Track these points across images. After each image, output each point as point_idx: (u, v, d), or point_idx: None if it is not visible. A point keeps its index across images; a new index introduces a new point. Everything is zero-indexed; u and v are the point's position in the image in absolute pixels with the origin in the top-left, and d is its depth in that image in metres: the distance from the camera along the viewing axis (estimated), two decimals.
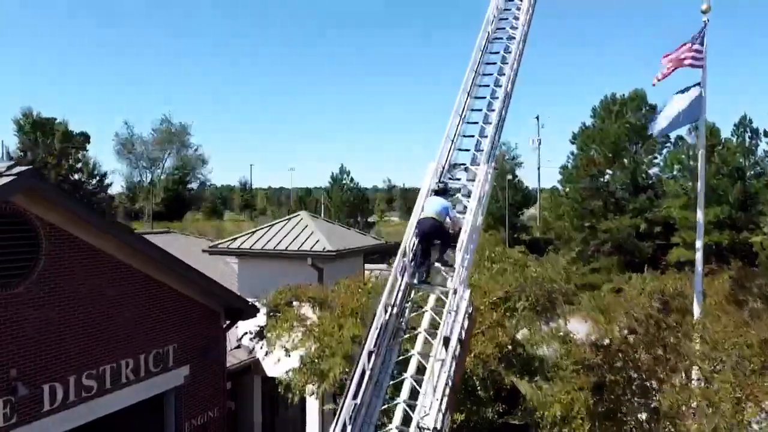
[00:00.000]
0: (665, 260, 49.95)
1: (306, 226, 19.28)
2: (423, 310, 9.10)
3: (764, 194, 47.95)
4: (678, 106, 16.00)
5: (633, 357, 12.82)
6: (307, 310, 15.66)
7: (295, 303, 15.92)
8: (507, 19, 13.18)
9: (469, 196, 10.27)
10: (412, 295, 9.36)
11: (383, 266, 26.13)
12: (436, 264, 9.78)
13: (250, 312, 15.65)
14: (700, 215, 16.52)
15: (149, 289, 13.22)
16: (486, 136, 10.94)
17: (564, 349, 13.73)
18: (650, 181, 53.31)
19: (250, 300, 16.55)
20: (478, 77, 12.13)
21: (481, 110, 11.55)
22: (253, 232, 19.62)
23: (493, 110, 11.33)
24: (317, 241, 18.22)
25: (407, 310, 9.19)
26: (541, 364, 14.34)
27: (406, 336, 8.84)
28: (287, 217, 20.87)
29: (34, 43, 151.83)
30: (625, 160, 53.06)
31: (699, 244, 16.25)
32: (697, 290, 15.31)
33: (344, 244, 18.76)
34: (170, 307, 13.86)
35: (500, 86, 11.74)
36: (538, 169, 66.27)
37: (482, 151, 10.81)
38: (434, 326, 8.78)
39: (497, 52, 12.52)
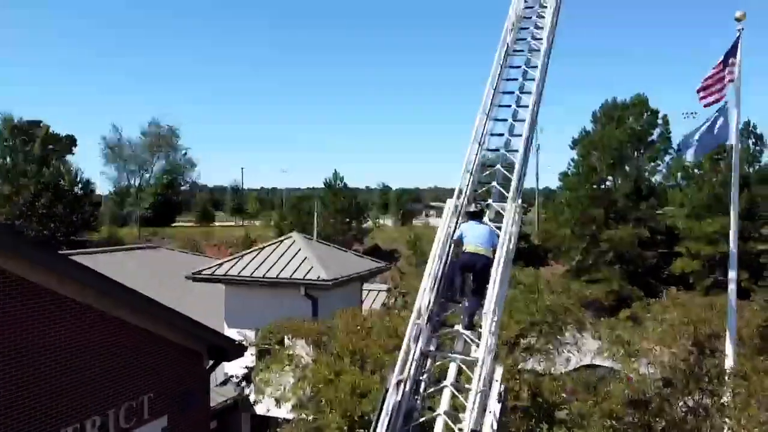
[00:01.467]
0: (669, 270, 48.77)
1: (299, 250, 17.66)
2: (442, 385, 7.49)
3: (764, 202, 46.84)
4: (710, 126, 14.56)
5: (672, 416, 11.28)
6: (301, 349, 14.05)
7: (287, 340, 14.31)
8: (528, 28, 11.63)
9: None
10: (428, 365, 7.75)
11: (383, 286, 24.57)
12: (462, 332, 8.21)
13: (237, 351, 14.02)
14: (733, 246, 14.85)
15: (118, 334, 11.55)
16: (511, 167, 9.35)
17: (592, 401, 12.16)
18: (653, 189, 52.02)
19: (237, 332, 15.00)
20: (498, 96, 10.56)
21: (502, 135, 9.99)
22: (242, 257, 17.98)
23: (518, 135, 9.77)
24: (311, 268, 16.61)
25: (422, 383, 7.59)
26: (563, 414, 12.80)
27: (423, 419, 7.24)
28: (278, 239, 19.22)
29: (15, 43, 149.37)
30: (627, 167, 51.76)
31: (732, 275, 14.72)
32: (731, 332, 13.73)
33: (341, 271, 17.15)
34: (144, 352, 12.19)
35: (524, 106, 10.18)
36: (536, 174, 64.68)
37: (504, 185, 9.23)
38: (455, 408, 7.21)
39: (518, 66, 10.98)
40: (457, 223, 8.98)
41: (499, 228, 8.56)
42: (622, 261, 48.61)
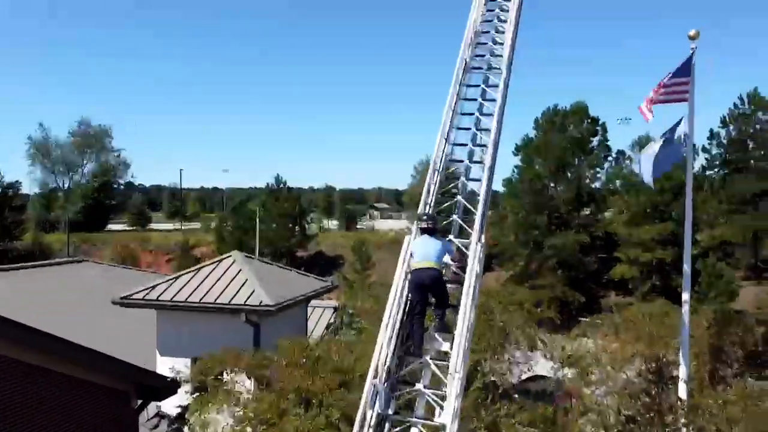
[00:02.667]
0: (608, 276, 49.85)
1: (239, 272, 16.40)
2: None
3: (702, 209, 48.48)
4: (661, 147, 14.24)
5: None
6: (241, 384, 12.88)
7: (226, 374, 13.09)
8: (486, 43, 10.94)
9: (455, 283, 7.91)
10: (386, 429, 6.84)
11: (330, 303, 23.51)
12: (435, 334, 7.85)
13: (169, 389, 12.71)
14: (686, 267, 14.45)
15: (25, 380, 10.09)
16: (473, 199, 8.59)
17: None
18: (593, 196, 53.10)
19: (170, 369, 13.62)
20: (456, 117, 9.80)
21: (463, 161, 9.23)
22: (176, 278, 16.54)
23: (479, 162, 9.05)
24: (252, 292, 15.40)
25: None
26: None
27: None
28: (217, 259, 17.85)
29: None
30: (569, 174, 52.61)
31: (685, 296, 14.32)
32: (685, 358, 13.41)
33: (284, 293, 16.02)
34: (59, 398, 10.76)
35: (485, 130, 9.46)
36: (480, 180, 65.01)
37: (465, 218, 8.47)
38: None
39: (477, 85, 10.26)
40: (426, 221, 8.48)
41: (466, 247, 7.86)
42: (564, 267, 49.33)
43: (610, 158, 55.81)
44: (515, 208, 51.38)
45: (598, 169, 54.00)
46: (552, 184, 51.98)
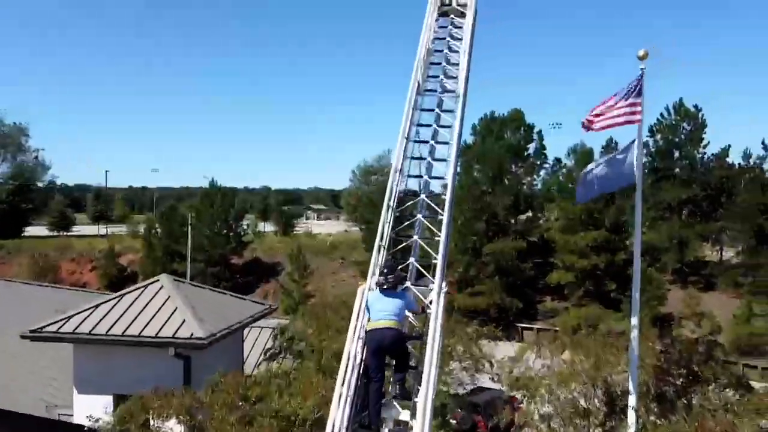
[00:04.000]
0: (545, 281, 50.63)
1: (167, 299, 15.02)
2: None
3: (632, 215, 50.08)
4: (609, 169, 13.92)
5: None
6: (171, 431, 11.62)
7: (152, 420, 11.79)
8: (440, 63, 10.21)
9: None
10: None
11: (271, 322, 22.18)
12: (393, 402, 7.13)
13: None
14: (636, 294, 14.21)
15: None
16: (436, 237, 7.81)
17: None
18: (530, 202, 53.85)
19: (89, 414, 12.20)
20: (409, 145, 9.01)
21: (418, 195, 8.44)
22: (96, 307, 14.95)
23: (438, 195, 8.27)
24: (183, 322, 14.10)
25: None
26: None
27: None
28: (143, 284, 16.34)
29: None
30: (507, 181, 53.13)
31: (634, 321, 14.13)
32: (634, 385, 13.16)
33: (218, 322, 14.78)
34: None
35: (441, 160, 8.73)
36: (420, 186, 64.91)
37: (422, 262, 7.69)
38: None
39: (431, 110, 9.51)
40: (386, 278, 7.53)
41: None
42: (502, 273, 49.74)
43: (546, 165, 56.93)
44: (454, 214, 51.34)
45: (535, 176, 54.92)
46: (490, 191, 52.28)
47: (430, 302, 7.32)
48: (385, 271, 7.45)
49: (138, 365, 13.99)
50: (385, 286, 7.34)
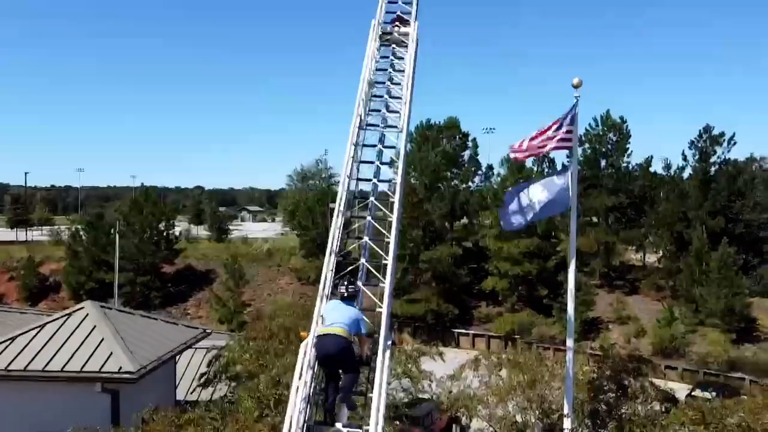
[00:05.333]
0: (480, 287, 51.58)
1: (93, 328, 14.18)
2: None
3: (562, 222, 51.78)
4: (542, 194, 13.99)
5: None
6: None
7: None
8: (382, 97, 10.09)
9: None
10: None
11: (207, 345, 21.36)
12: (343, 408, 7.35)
13: None
14: (571, 312, 14.50)
15: None
16: (381, 283, 7.67)
17: None
18: (465, 210, 54.73)
19: None
20: (353, 181, 8.84)
21: (361, 238, 8.27)
22: (13, 339, 13.92)
23: (382, 239, 8.12)
24: (110, 355, 13.32)
25: None
26: None
27: None
28: (65, 312, 15.33)
29: None
30: (443, 188, 53.78)
31: (570, 343, 14.43)
32: (569, 403, 13.46)
33: (149, 352, 14.07)
34: None
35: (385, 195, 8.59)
36: (355, 192, 64.70)
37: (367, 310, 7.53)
38: None
39: (373, 146, 9.37)
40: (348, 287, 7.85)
41: None
42: (439, 279, 50.33)
43: (480, 172, 58.04)
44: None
45: (470, 183, 55.86)
46: (427, 198, 52.78)
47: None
48: (346, 283, 7.71)
49: (61, 402, 13.15)
50: (345, 295, 7.58)
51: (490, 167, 59.20)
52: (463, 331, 49.71)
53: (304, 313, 26.89)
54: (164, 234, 56.91)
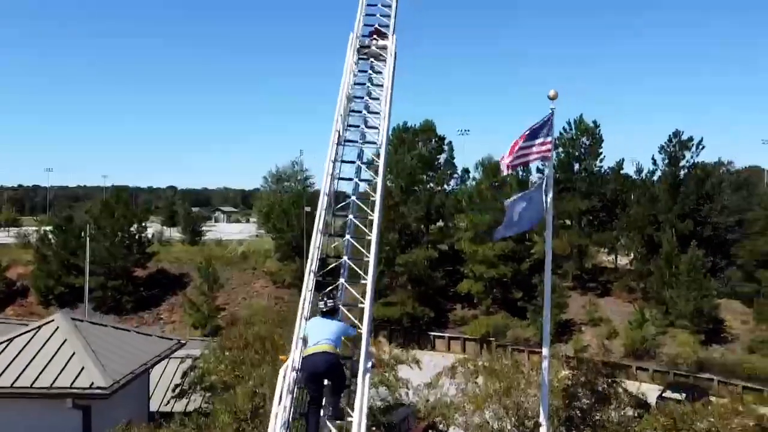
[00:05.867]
0: (455, 290, 51.82)
1: (64, 342, 13.85)
2: None
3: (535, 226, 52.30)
4: (527, 205, 14.29)
5: None
6: None
7: None
8: (360, 112, 10.04)
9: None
10: None
11: (182, 354, 21.07)
12: (328, 423, 7.41)
13: None
14: (546, 327, 14.61)
15: None
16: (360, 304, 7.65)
17: None
18: (441, 213, 54.94)
19: None
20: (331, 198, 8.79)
21: (340, 258, 8.23)
22: None
23: (359, 259, 8.10)
24: (82, 369, 13.03)
25: None
26: None
27: None
28: (35, 325, 14.95)
29: None
30: (418, 191, 53.90)
31: (545, 351, 14.55)
32: (544, 413, 13.59)
33: (122, 366, 13.79)
34: None
35: (362, 215, 8.56)
36: (330, 197, 64.33)
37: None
38: None
39: (352, 162, 9.33)
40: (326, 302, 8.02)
41: None
42: (415, 282, 50.44)
43: (455, 176, 58.36)
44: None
45: (445, 187, 56.12)
46: (403, 201, 52.85)
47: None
48: (324, 298, 7.83)
49: (31, 419, 12.82)
50: (324, 310, 7.69)
51: (466, 170, 59.58)
52: (439, 333, 49.90)
53: (280, 319, 26.75)
54: (136, 237, 55.89)
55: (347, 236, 8.44)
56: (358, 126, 9.76)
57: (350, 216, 8.69)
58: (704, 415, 16.75)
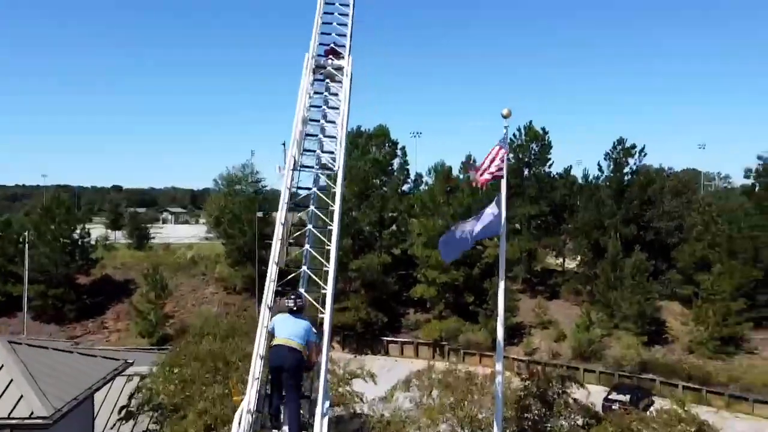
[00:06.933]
0: (408, 295, 52.07)
1: (0, 368, 13.11)
2: None
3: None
4: (475, 225, 14.39)
5: None
6: None
7: None
8: (316, 136, 9.90)
9: None
10: None
11: (129, 371, 20.33)
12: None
13: None
14: (500, 338, 14.82)
15: None
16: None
17: None
18: (394, 218, 55.09)
19: None
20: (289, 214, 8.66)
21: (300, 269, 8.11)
22: None
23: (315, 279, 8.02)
24: (20, 398, 12.35)
25: None
26: None
27: None
28: None
29: None
30: (372, 197, 53.91)
31: (499, 367, 14.69)
32: (498, 425, 13.76)
33: (65, 390, 13.14)
34: None
35: (329, 248, 8.45)
36: (286, 202, 63.51)
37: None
38: None
39: (309, 188, 9.18)
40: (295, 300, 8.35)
41: None
42: (368, 288, 50.42)
43: (409, 180, 58.69)
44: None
45: (399, 191, 56.29)
46: (357, 206, 52.74)
47: None
48: (293, 297, 8.05)
49: None
50: (293, 308, 7.98)
51: (419, 176, 59.99)
52: (392, 338, 50.05)
53: (232, 331, 26.20)
54: (79, 242, 53.76)
55: (303, 267, 8.31)
56: (314, 151, 9.62)
57: (307, 246, 8.54)
58: (649, 422, 17.36)
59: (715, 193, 74.51)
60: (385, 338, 50.00)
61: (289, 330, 7.80)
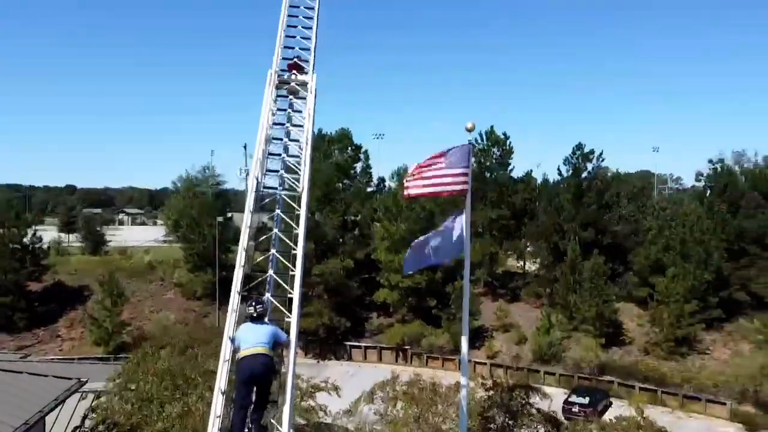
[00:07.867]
0: (372, 299, 51.98)
1: None
2: None
3: None
4: (441, 239, 14.23)
5: None
6: None
7: None
8: (280, 155, 9.69)
9: None
10: None
11: (89, 386, 19.56)
12: None
13: None
14: (464, 350, 14.82)
15: None
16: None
17: None
18: (357, 223, 54.92)
19: None
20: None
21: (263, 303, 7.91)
22: None
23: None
24: None
25: None
26: None
27: None
28: None
29: None
30: (335, 201, 53.63)
31: (464, 380, 14.71)
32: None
33: (13, 414, 12.55)
34: None
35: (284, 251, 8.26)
36: (247, 205, 62.56)
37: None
38: None
39: (272, 211, 8.97)
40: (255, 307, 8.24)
41: None
42: (331, 293, 50.11)
43: (372, 184, 58.59)
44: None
45: (362, 195, 56.14)
46: (319, 210, 52.37)
47: None
48: (254, 303, 7.95)
49: None
50: (254, 315, 7.91)
51: (382, 180, 59.98)
52: (355, 343, 49.88)
53: (191, 342, 25.64)
54: (30, 247, 51.79)
55: (267, 294, 8.11)
56: (278, 171, 9.40)
57: (273, 251, 8.34)
58: (608, 430, 17.70)
59: (669, 198, 76.82)
60: (348, 343, 49.80)
61: (254, 339, 7.74)
